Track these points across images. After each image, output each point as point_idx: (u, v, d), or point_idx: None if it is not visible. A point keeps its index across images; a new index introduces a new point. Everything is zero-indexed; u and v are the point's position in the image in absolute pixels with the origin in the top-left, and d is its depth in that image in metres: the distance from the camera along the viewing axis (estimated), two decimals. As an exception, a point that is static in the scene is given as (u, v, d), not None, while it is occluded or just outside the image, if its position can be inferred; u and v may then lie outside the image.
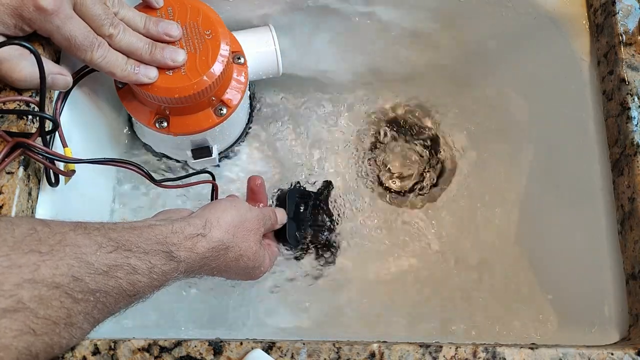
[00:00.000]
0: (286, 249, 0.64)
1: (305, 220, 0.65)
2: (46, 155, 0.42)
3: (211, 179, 0.54)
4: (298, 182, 0.69)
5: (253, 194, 0.57)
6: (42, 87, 0.40)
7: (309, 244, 0.66)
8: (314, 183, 0.69)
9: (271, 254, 0.54)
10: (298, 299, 0.65)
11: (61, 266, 0.32)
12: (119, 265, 0.35)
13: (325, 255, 0.67)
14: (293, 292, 0.65)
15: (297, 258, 0.66)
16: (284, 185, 0.69)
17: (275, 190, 0.68)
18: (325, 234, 0.67)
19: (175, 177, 0.53)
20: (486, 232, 0.68)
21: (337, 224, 0.68)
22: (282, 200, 0.63)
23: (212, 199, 0.56)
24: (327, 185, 0.69)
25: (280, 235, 0.59)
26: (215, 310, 0.63)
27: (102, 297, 0.34)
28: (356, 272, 0.67)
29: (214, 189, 0.55)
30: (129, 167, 0.47)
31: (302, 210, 0.64)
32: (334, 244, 0.67)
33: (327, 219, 0.68)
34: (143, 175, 0.48)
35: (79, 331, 0.33)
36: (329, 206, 0.68)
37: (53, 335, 0.31)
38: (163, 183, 0.50)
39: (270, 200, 0.66)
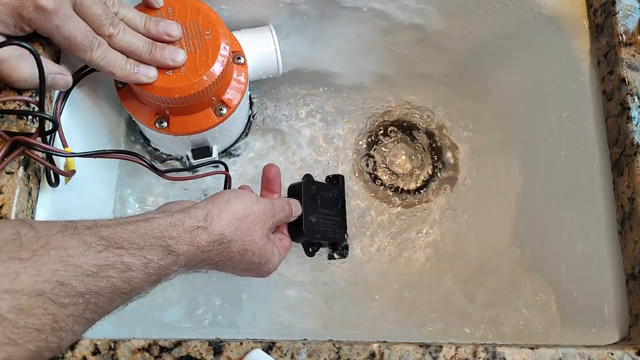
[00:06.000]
0: (311, 247, 0.60)
1: (323, 213, 0.60)
2: (45, 151, 0.42)
3: (224, 169, 0.52)
4: (309, 175, 0.65)
5: (268, 183, 0.55)
6: (41, 87, 0.40)
7: (324, 240, 0.61)
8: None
9: (282, 249, 0.51)
10: (301, 297, 0.65)
11: (44, 272, 0.30)
12: (110, 264, 0.34)
13: (336, 251, 0.64)
14: (298, 290, 0.65)
15: (309, 254, 0.61)
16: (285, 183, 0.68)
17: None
18: (339, 229, 0.63)
19: (182, 167, 0.50)
20: (486, 231, 0.68)
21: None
22: (293, 193, 0.58)
23: None
24: (338, 178, 0.65)
25: (294, 228, 0.55)
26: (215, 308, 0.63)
27: (93, 298, 0.33)
28: (355, 271, 0.67)
29: (227, 181, 0.53)
30: (130, 157, 0.46)
31: (319, 203, 0.59)
32: (346, 239, 0.64)
33: (342, 213, 0.63)
34: (145, 166, 0.47)
35: (69, 334, 0.32)
36: (344, 201, 0.64)
37: (38, 341, 0.30)
38: (167, 174, 0.49)
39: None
